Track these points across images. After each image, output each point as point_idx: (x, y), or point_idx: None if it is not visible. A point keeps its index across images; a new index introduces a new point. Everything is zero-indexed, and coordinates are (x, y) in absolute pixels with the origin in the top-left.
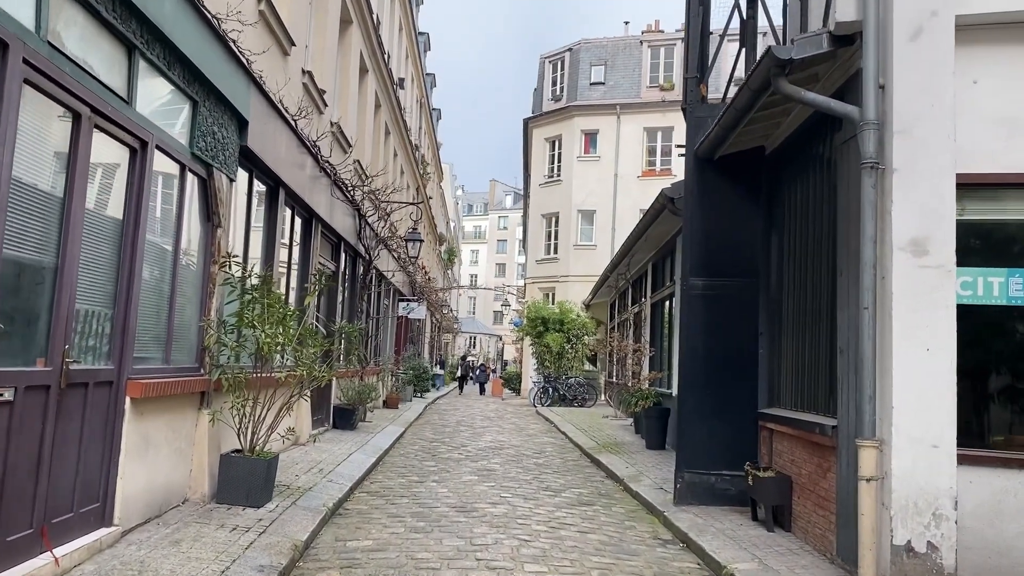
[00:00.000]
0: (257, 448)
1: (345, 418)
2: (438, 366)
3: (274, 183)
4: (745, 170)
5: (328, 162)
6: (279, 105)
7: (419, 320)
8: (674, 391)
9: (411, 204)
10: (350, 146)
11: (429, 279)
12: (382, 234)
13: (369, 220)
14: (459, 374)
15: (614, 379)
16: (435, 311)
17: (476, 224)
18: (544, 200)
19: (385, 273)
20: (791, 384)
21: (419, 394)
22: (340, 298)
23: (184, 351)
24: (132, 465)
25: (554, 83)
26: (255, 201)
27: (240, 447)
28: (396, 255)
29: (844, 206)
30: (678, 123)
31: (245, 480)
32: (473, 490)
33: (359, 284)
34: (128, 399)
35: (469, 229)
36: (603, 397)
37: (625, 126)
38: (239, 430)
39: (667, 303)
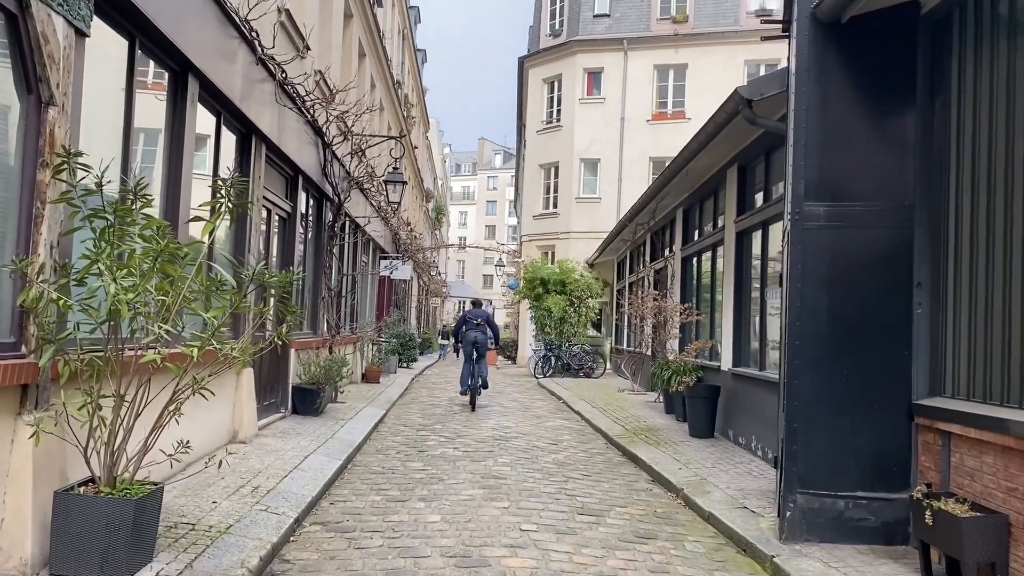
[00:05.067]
0: (123, 477)
1: (307, 401)
2: (441, 336)
3: (180, 67)
4: (889, 39)
5: (273, 58)
6: None
7: (404, 282)
8: (723, 365)
9: (391, 139)
10: (307, 48)
11: (415, 236)
12: (356, 174)
13: (338, 152)
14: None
15: (629, 347)
16: (422, 272)
17: (464, 185)
18: (542, 149)
19: (359, 220)
20: (981, 363)
21: (405, 364)
22: (302, 249)
23: None
24: None
25: (552, 16)
26: (140, 87)
27: (93, 476)
28: (376, 204)
29: None
30: (692, 59)
31: (99, 534)
32: (479, 517)
33: (326, 231)
34: None
35: (457, 190)
36: (609, 366)
37: (633, 64)
38: (89, 448)
39: (708, 255)
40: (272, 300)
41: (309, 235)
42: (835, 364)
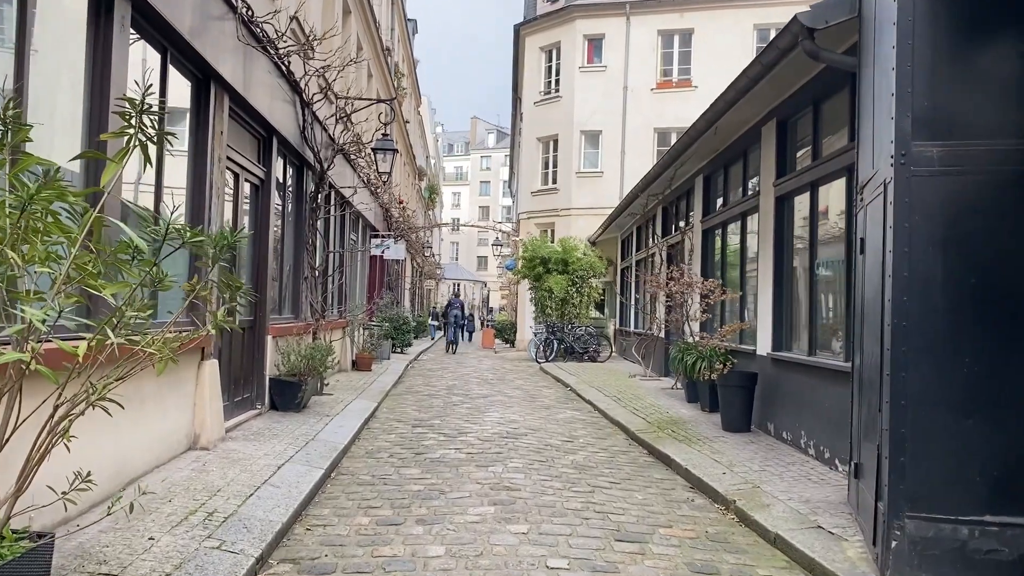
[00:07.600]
0: None
1: (287, 395)
2: (432, 317)
3: None
4: None
5: None
6: None
7: (397, 262)
8: (759, 349)
9: (380, 101)
10: None
11: (407, 214)
12: (340, 141)
13: (320, 115)
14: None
15: (637, 329)
16: (416, 253)
17: (457, 165)
18: (540, 121)
19: (345, 191)
20: None
21: (399, 349)
22: (279, 222)
23: None
24: None
25: None
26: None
27: None
28: (364, 177)
29: None
30: (699, 24)
31: None
32: (492, 549)
33: (307, 203)
34: None
35: (450, 170)
36: (614, 349)
37: (636, 29)
38: None
39: (735, 225)
40: (212, 271)
41: (288, 207)
42: (954, 352)
